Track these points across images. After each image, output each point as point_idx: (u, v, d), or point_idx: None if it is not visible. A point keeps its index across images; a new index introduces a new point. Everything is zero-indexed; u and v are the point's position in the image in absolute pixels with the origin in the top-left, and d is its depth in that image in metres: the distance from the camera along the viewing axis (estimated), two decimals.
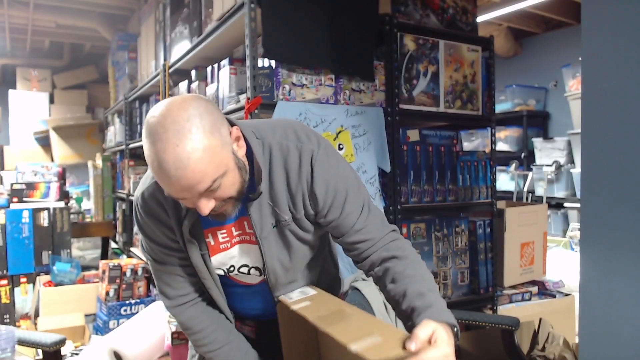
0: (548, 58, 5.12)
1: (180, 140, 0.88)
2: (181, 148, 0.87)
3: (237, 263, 1.15)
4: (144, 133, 0.92)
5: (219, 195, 0.95)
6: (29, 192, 3.59)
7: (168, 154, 0.87)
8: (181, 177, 0.88)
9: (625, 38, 1.03)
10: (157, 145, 0.88)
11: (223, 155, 0.93)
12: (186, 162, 0.87)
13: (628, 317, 1.02)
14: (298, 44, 1.89)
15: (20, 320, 3.22)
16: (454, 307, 2.09)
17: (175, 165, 0.87)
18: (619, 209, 1.04)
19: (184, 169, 0.88)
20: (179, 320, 1.22)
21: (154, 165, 0.89)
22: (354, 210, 1.09)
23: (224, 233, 1.12)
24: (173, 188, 0.91)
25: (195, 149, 0.88)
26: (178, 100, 0.92)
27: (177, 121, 0.89)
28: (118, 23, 4.75)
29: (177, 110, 0.90)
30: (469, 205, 2.42)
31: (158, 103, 0.95)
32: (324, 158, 1.06)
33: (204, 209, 0.94)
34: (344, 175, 1.09)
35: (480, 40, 2.46)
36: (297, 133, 1.08)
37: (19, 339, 1.65)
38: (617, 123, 1.05)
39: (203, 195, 0.93)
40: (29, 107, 6.05)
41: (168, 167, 0.87)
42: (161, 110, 0.91)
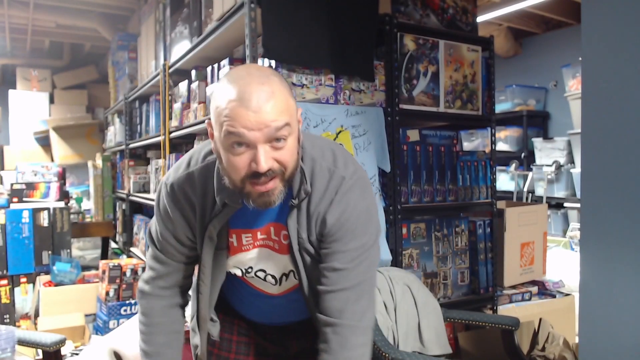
0: (548, 58, 5.12)
1: (266, 80, 0.91)
2: (267, 86, 0.91)
3: (255, 266, 1.14)
4: (224, 80, 0.94)
5: (280, 154, 0.93)
6: (29, 192, 3.59)
7: (253, 88, 0.90)
8: (262, 108, 0.89)
9: (625, 38, 1.03)
10: (243, 81, 0.91)
11: (295, 116, 0.96)
12: (270, 96, 0.90)
13: (628, 317, 1.02)
14: (298, 44, 1.89)
15: (20, 320, 3.22)
16: (454, 307, 2.09)
17: (258, 97, 0.89)
18: (619, 209, 1.04)
19: (265, 101, 0.89)
20: (142, 305, 1.20)
21: (235, 97, 0.90)
22: (350, 249, 1.04)
23: (248, 236, 1.10)
24: (248, 121, 0.89)
25: (279, 90, 0.92)
26: (264, 67, 1.00)
27: (263, 72, 0.94)
28: (118, 23, 4.76)
29: (262, 67, 0.99)
30: (469, 205, 2.42)
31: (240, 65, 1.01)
32: (351, 189, 1.03)
33: (265, 160, 0.91)
34: (360, 213, 1.04)
35: (480, 40, 2.47)
36: (335, 156, 1.06)
37: (19, 339, 1.65)
38: (617, 123, 1.05)
39: (270, 141, 0.92)
40: (29, 107, 6.05)
41: (252, 96, 0.89)
42: (244, 69, 0.96)
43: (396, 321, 1.82)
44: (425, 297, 1.92)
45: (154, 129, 3.35)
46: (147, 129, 3.58)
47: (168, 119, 2.87)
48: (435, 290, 2.27)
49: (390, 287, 1.86)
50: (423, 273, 2.24)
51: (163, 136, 2.92)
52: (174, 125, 2.77)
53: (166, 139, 2.87)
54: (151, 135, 3.37)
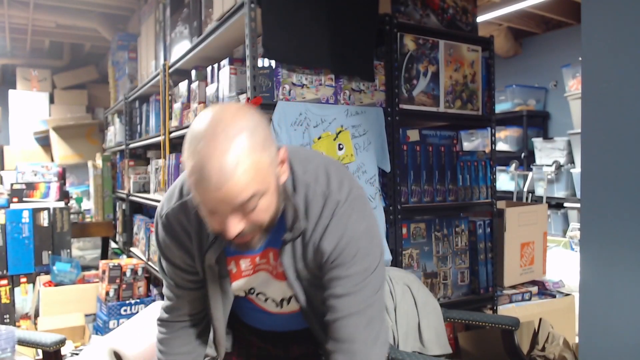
0: (548, 58, 5.12)
1: (229, 148, 0.82)
2: (229, 157, 0.82)
3: (257, 288, 1.13)
4: (188, 137, 0.86)
5: (251, 218, 0.89)
6: (29, 192, 3.59)
7: (213, 161, 0.82)
8: (222, 186, 0.83)
9: (625, 38, 1.03)
10: (203, 150, 0.83)
11: (269, 172, 0.88)
12: (231, 173, 0.82)
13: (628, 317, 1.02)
14: (298, 44, 1.89)
15: (20, 320, 3.23)
16: (454, 307, 2.09)
17: (219, 174, 0.82)
18: (619, 209, 1.04)
19: (226, 179, 0.82)
20: (162, 333, 1.19)
21: (195, 171, 0.84)
22: (352, 274, 1.00)
23: (247, 261, 1.08)
24: (209, 198, 0.85)
25: (242, 161, 0.83)
26: (232, 108, 0.88)
27: (230, 128, 0.84)
28: (118, 23, 4.76)
29: (231, 117, 0.85)
30: (469, 205, 2.42)
31: (209, 108, 0.90)
32: (346, 212, 0.99)
33: (233, 229, 0.88)
34: (360, 235, 1.00)
35: (480, 40, 2.47)
36: (329, 177, 1.01)
37: (19, 339, 1.65)
38: (617, 123, 1.05)
39: (236, 212, 0.87)
40: (29, 107, 6.05)
41: (211, 174, 0.82)
42: (213, 115, 0.86)
43: (396, 321, 1.82)
44: (425, 297, 1.92)
45: (154, 129, 3.35)
46: (147, 129, 3.58)
47: (168, 119, 2.88)
48: (435, 290, 2.27)
49: (390, 287, 1.86)
50: (423, 273, 2.24)
51: (163, 136, 2.92)
52: (174, 125, 2.77)
53: (166, 139, 2.87)
54: (151, 135, 3.37)
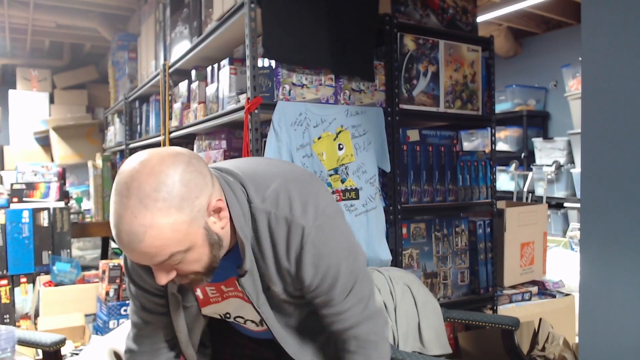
0: (548, 58, 5.12)
1: (140, 212, 0.80)
2: (139, 221, 0.80)
3: (233, 313, 1.12)
4: (114, 183, 0.86)
5: (180, 269, 0.89)
6: (29, 192, 3.59)
7: (124, 224, 0.81)
8: (134, 249, 0.83)
9: (625, 38, 1.03)
10: (117, 209, 0.82)
11: (190, 231, 0.85)
12: (141, 237, 0.81)
13: (628, 317, 1.02)
14: (298, 44, 1.89)
15: (20, 320, 3.22)
16: (454, 307, 2.09)
17: (129, 238, 0.81)
18: (619, 209, 1.04)
19: (137, 243, 0.82)
20: (127, 349, 1.16)
21: (112, 227, 0.84)
22: (340, 293, 1.01)
23: (213, 289, 1.07)
24: (128, 255, 0.86)
25: (154, 225, 0.81)
26: (154, 160, 0.84)
27: (143, 187, 0.81)
28: (118, 23, 4.75)
29: (147, 175, 0.82)
30: (469, 205, 2.42)
31: (139, 153, 0.87)
32: (316, 237, 0.95)
33: (160, 280, 0.89)
34: (337, 256, 0.98)
35: (480, 40, 2.46)
36: (291, 201, 0.96)
37: (19, 339, 1.65)
38: (617, 123, 1.05)
39: (160, 268, 0.88)
40: (29, 107, 6.05)
41: (122, 236, 0.82)
42: (134, 168, 0.83)
43: (396, 321, 1.82)
44: (425, 297, 1.92)
45: (154, 129, 3.35)
46: (147, 129, 3.58)
47: (168, 119, 2.88)
48: (435, 290, 2.27)
49: (390, 287, 1.86)
50: (423, 273, 2.24)
51: (163, 136, 2.92)
52: (174, 125, 2.77)
53: (166, 139, 2.87)
54: (151, 135, 3.37)
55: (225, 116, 2.02)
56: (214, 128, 2.29)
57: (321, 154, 1.93)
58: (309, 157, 1.90)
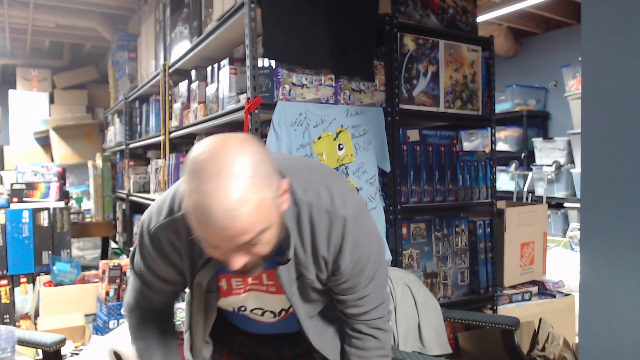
0: (548, 58, 5.12)
1: (233, 188, 0.80)
2: (234, 197, 0.80)
3: (250, 306, 1.13)
4: (189, 167, 0.83)
5: (254, 251, 0.88)
6: (29, 192, 3.59)
7: (218, 201, 0.79)
8: (227, 227, 0.81)
9: (625, 38, 1.03)
10: (207, 187, 0.80)
11: (272, 209, 0.86)
12: (236, 213, 0.80)
13: (628, 317, 1.02)
14: (298, 44, 1.89)
15: (20, 320, 3.23)
16: (454, 307, 2.09)
17: (224, 214, 0.80)
18: (619, 209, 1.04)
19: (232, 220, 0.80)
20: (133, 318, 1.19)
21: (199, 208, 0.81)
22: (365, 279, 1.07)
23: (239, 281, 1.08)
24: (213, 236, 0.83)
25: (247, 200, 0.80)
26: (235, 141, 0.84)
27: (234, 165, 0.81)
28: (118, 23, 4.76)
29: (234, 152, 0.82)
30: (469, 205, 2.42)
31: (210, 138, 0.86)
32: (356, 229, 1.00)
33: (236, 264, 0.87)
34: (369, 247, 1.04)
35: (480, 40, 2.46)
36: (331, 193, 1.00)
37: (19, 339, 1.65)
38: (617, 123, 1.05)
39: (240, 249, 0.86)
40: (29, 107, 6.05)
41: (215, 214, 0.80)
42: (215, 148, 0.83)
43: (396, 321, 1.82)
44: (425, 297, 1.92)
45: (154, 129, 3.35)
46: (147, 129, 3.58)
47: (168, 119, 2.88)
48: (435, 290, 2.27)
49: (390, 287, 1.86)
50: (423, 273, 2.24)
51: (163, 136, 2.92)
52: (174, 125, 2.77)
53: (166, 139, 2.87)
54: (151, 135, 3.37)
55: (225, 116, 2.02)
56: (214, 128, 2.29)
57: (321, 154, 1.93)
58: (309, 157, 1.90)
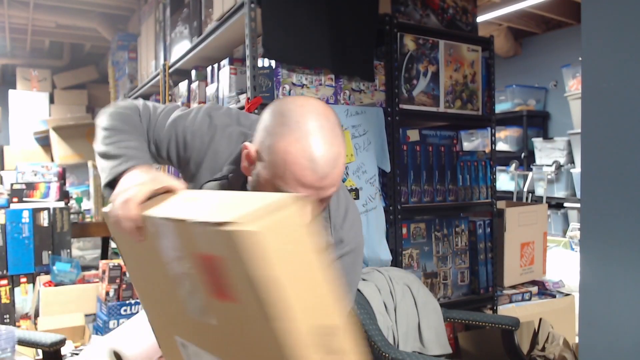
0: (548, 58, 5.12)
1: (333, 140, 0.89)
2: (335, 149, 0.89)
3: None
4: (287, 118, 0.89)
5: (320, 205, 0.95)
6: (29, 192, 3.59)
7: (323, 150, 0.88)
8: (327, 175, 0.88)
9: (625, 38, 1.03)
10: (313, 138, 0.88)
11: None
12: (334, 163, 0.89)
13: (628, 317, 1.02)
14: (298, 44, 1.89)
15: (20, 320, 3.23)
16: (454, 307, 2.09)
17: (326, 163, 0.88)
18: (619, 209, 1.04)
19: (332, 169, 0.88)
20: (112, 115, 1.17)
21: (303, 155, 0.87)
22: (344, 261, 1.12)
23: None
24: (308, 182, 0.88)
25: (341, 153, 0.91)
26: (322, 103, 0.94)
27: (331, 123, 0.91)
28: (118, 23, 4.75)
29: (329, 113, 0.92)
30: (469, 205, 2.42)
31: (298, 97, 0.97)
32: (355, 210, 1.13)
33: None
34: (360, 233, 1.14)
35: (480, 40, 2.46)
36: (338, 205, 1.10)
37: (19, 339, 1.65)
38: (617, 123, 1.05)
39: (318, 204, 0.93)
40: (29, 107, 6.05)
41: (321, 161, 0.87)
42: (314, 105, 0.92)
43: (396, 321, 1.82)
44: (425, 297, 1.92)
45: None
46: None
47: None
48: (435, 290, 2.27)
49: (390, 287, 1.86)
50: (423, 273, 2.24)
51: None
52: None
53: None
54: None
55: None
56: None
57: None
58: None
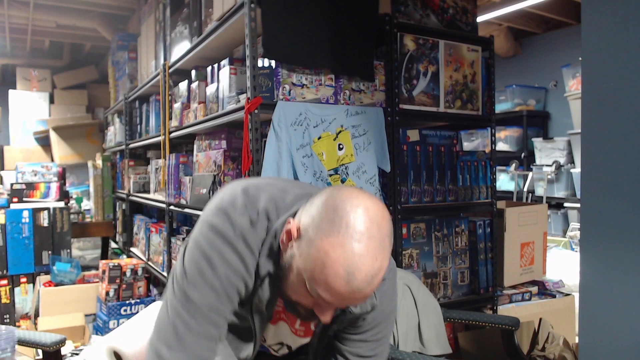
0: (548, 58, 5.12)
1: (379, 254, 0.83)
2: (378, 264, 0.83)
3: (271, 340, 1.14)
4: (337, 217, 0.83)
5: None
6: (29, 192, 3.59)
7: (365, 264, 0.82)
8: (361, 290, 0.83)
9: (625, 38, 1.03)
10: (358, 248, 0.82)
11: None
12: (373, 280, 0.83)
13: (628, 317, 1.02)
14: (298, 44, 1.89)
15: (20, 320, 3.23)
16: (454, 307, 2.09)
17: (364, 278, 0.82)
18: (619, 209, 1.04)
19: (367, 285, 0.83)
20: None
21: (342, 264, 0.81)
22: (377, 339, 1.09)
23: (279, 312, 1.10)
24: (340, 292, 0.83)
25: (383, 270, 0.85)
26: (380, 207, 0.88)
27: (381, 233, 0.84)
28: (118, 23, 4.76)
29: (384, 220, 0.86)
30: (469, 205, 2.42)
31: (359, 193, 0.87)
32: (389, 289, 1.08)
33: (329, 318, 0.90)
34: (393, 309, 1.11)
35: (480, 40, 2.46)
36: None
37: (19, 339, 1.65)
38: (617, 123, 1.05)
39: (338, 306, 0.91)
40: (29, 107, 6.05)
41: (358, 276, 0.81)
42: (370, 208, 0.85)
43: (396, 321, 1.82)
44: (425, 297, 1.92)
45: (154, 129, 3.35)
46: (147, 129, 3.58)
47: (168, 119, 2.88)
48: (435, 290, 2.27)
49: None
50: (423, 273, 2.24)
51: (163, 136, 2.92)
52: (174, 125, 2.77)
53: (166, 139, 2.87)
54: (151, 135, 3.37)
55: (225, 116, 2.02)
56: (214, 128, 2.29)
57: (321, 154, 1.93)
58: (309, 157, 1.90)
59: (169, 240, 2.88)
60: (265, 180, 1.05)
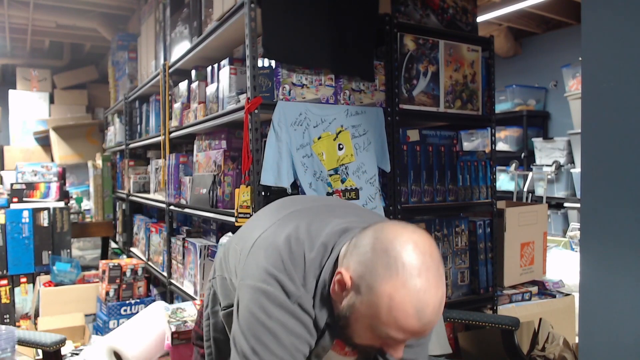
0: (548, 58, 5.12)
1: (439, 282, 0.84)
2: (441, 292, 0.84)
3: None
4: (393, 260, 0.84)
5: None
6: (29, 192, 3.59)
7: (430, 297, 0.83)
8: (431, 321, 0.84)
9: (625, 38, 1.03)
10: (420, 283, 0.82)
11: None
12: (438, 308, 0.85)
13: (628, 317, 1.02)
14: (298, 44, 1.89)
15: (20, 320, 3.23)
16: (454, 307, 2.09)
17: (433, 309, 0.83)
18: (619, 209, 1.04)
19: (436, 315, 0.84)
20: None
21: (410, 303, 0.82)
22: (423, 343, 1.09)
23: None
24: (414, 328, 0.84)
25: (444, 294, 0.86)
26: (426, 237, 0.89)
27: (435, 262, 0.86)
28: (118, 23, 4.76)
29: (433, 249, 0.87)
30: (469, 205, 2.42)
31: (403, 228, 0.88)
32: None
33: (401, 353, 0.90)
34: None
35: (480, 40, 2.46)
36: None
37: (19, 339, 1.65)
38: (617, 123, 1.05)
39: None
40: (29, 107, 6.05)
41: (427, 310, 0.83)
42: (419, 242, 0.86)
43: None
44: None
45: (154, 129, 3.35)
46: (147, 129, 3.58)
47: (168, 119, 2.88)
48: None
49: None
50: None
51: (163, 136, 2.92)
52: (174, 125, 2.77)
53: (166, 139, 2.87)
54: (151, 135, 3.37)
55: (225, 116, 2.02)
56: (214, 128, 2.29)
57: (321, 154, 1.93)
58: (309, 157, 1.90)
59: (169, 240, 2.88)
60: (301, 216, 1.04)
